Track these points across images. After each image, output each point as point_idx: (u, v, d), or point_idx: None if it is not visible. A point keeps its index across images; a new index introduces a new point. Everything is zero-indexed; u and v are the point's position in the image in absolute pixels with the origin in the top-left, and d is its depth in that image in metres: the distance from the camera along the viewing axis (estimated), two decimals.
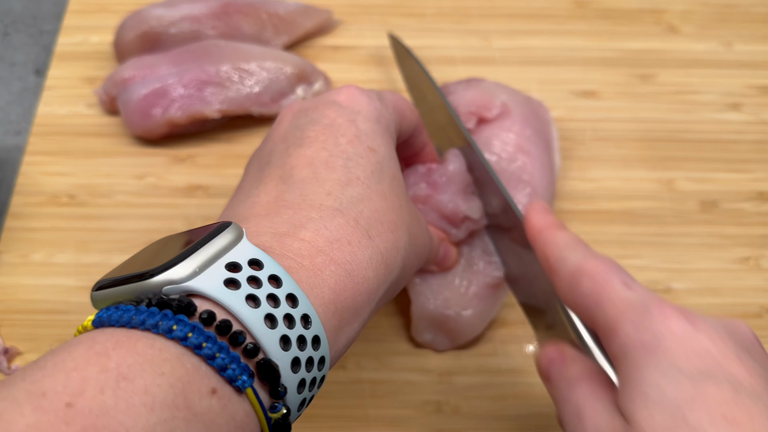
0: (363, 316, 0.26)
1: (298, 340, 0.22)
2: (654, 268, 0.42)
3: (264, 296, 0.22)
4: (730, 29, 0.53)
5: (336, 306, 0.24)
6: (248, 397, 0.21)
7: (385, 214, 0.27)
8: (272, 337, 0.21)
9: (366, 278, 0.25)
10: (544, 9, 0.54)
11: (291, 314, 0.22)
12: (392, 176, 0.28)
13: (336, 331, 0.24)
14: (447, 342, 0.39)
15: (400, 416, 0.37)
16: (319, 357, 0.23)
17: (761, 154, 0.47)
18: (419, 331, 0.38)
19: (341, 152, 0.27)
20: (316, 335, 0.23)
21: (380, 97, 0.30)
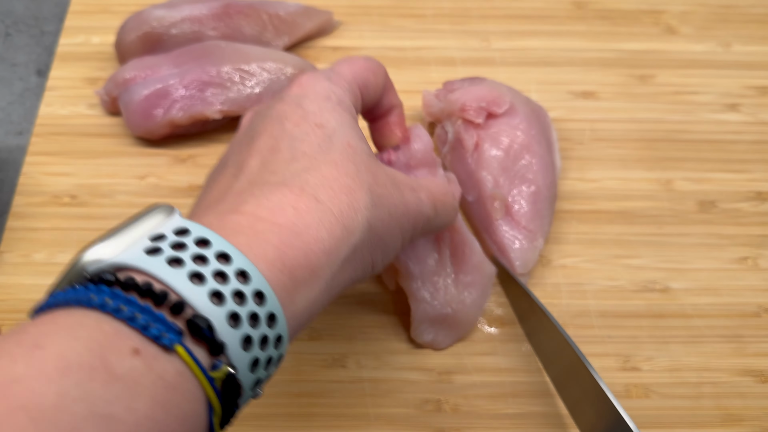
0: (323, 277, 0.25)
1: (235, 294, 0.22)
2: (652, 267, 0.43)
3: (189, 257, 0.22)
4: (729, 30, 0.54)
5: (283, 263, 0.24)
6: (180, 355, 0.20)
7: (337, 179, 0.27)
8: (199, 292, 0.21)
9: (318, 238, 0.25)
10: (543, 10, 0.54)
11: (223, 270, 0.22)
12: (345, 145, 0.28)
13: (289, 290, 0.24)
14: (449, 338, 0.39)
15: (399, 415, 0.38)
16: (269, 320, 0.23)
17: (759, 155, 0.48)
18: (420, 333, 0.39)
19: (286, 136, 0.28)
20: (258, 290, 0.22)
21: (331, 74, 0.31)
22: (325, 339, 0.40)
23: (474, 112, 0.42)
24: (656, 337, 0.40)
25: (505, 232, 0.41)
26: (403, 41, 0.52)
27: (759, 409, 0.38)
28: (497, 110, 0.43)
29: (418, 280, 0.37)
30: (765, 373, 0.39)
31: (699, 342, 0.40)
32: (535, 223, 0.41)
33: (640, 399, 0.38)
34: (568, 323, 0.41)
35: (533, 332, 0.39)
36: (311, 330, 0.40)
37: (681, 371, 0.39)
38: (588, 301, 0.41)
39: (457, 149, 0.43)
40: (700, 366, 0.39)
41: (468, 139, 0.42)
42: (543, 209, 0.42)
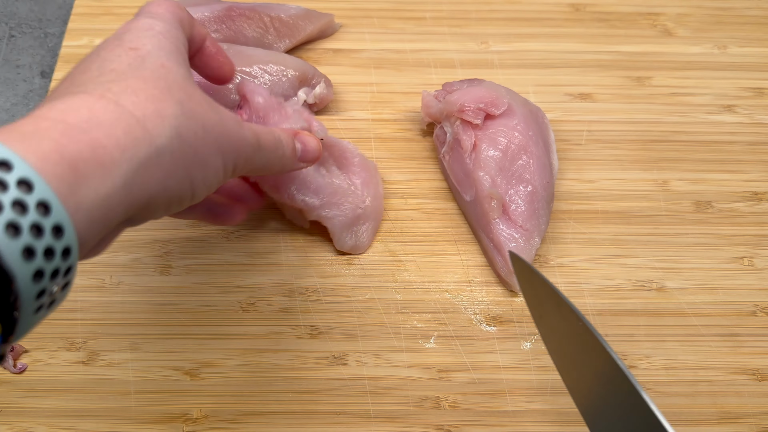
0: (117, 174, 0.25)
1: (14, 204, 0.21)
2: (649, 267, 0.43)
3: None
4: (725, 32, 0.54)
5: (61, 155, 0.24)
6: None
7: (144, 90, 0.27)
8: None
9: (111, 135, 0.25)
10: (541, 13, 0.55)
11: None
12: (158, 65, 0.29)
13: (69, 182, 0.24)
14: (367, 236, 0.43)
15: (399, 412, 0.38)
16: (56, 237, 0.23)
17: (755, 155, 0.48)
18: (342, 242, 0.42)
19: (99, 59, 0.29)
20: (43, 201, 0.22)
21: (151, 13, 0.32)
22: (326, 337, 0.40)
23: (472, 113, 0.43)
24: (653, 336, 0.41)
25: (502, 230, 0.41)
26: (403, 44, 0.53)
27: (755, 407, 0.39)
28: (495, 111, 0.43)
29: (320, 208, 0.41)
30: (761, 372, 0.40)
31: (695, 341, 0.41)
32: (532, 222, 0.42)
33: None
34: None
35: (551, 330, 0.36)
36: (312, 328, 0.41)
37: (677, 369, 0.40)
38: (585, 300, 0.42)
39: (455, 149, 0.44)
40: (697, 364, 0.40)
41: (466, 140, 0.43)
42: (540, 209, 0.42)
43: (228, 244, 0.44)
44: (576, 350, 0.34)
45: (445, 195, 0.46)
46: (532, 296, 0.36)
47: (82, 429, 0.37)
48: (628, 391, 0.31)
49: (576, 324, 0.33)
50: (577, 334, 0.33)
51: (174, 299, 0.41)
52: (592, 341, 0.33)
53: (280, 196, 0.42)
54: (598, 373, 0.33)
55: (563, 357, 0.35)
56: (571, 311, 0.33)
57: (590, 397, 0.34)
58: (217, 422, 0.38)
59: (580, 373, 0.35)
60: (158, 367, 0.39)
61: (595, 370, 0.33)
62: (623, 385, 0.31)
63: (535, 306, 0.36)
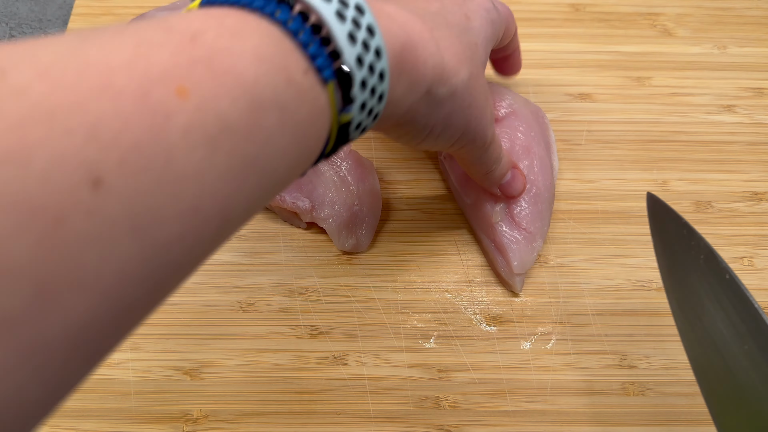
0: (421, 87, 0.29)
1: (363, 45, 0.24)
2: (648, 267, 0.43)
3: (350, 18, 0.24)
4: (724, 32, 0.54)
5: (399, 56, 0.27)
6: (328, 91, 0.23)
7: (454, 45, 0.31)
8: (351, 53, 0.24)
9: (422, 58, 0.28)
10: (541, 13, 0.55)
11: (367, 42, 0.25)
12: (473, 42, 0.33)
13: (393, 72, 0.27)
14: (367, 235, 0.43)
15: (399, 412, 0.38)
16: (380, 73, 0.26)
17: (755, 155, 0.48)
18: (342, 242, 0.42)
19: (440, 4, 0.33)
20: (382, 70, 0.26)
21: (495, 3, 0.37)
22: (326, 337, 0.40)
23: None
24: (652, 336, 0.41)
25: (505, 232, 0.41)
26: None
27: None
28: (498, 114, 0.43)
29: (314, 209, 0.42)
30: None
31: None
32: (535, 224, 0.42)
33: (637, 397, 0.39)
34: (565, 322, 0.41)
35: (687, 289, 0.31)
36: (312, 328, 0.41)
37: (677, 369, 0.40)
38: (585, 300, 0.42)
39: None
40: None
41: None
42: (543, 210, 0.42)
43: (228, 244, 0.44)
44: (722, 314, 0.28)
45: (445, 195, 0.46)
46: (665, 240, 0.31)
47: (82, 429, 0.38)
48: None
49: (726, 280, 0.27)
50: (726, 291, 0.27)
51: (174, 299, 0.41)
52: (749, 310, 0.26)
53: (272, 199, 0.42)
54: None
55: (696, 322, 0.29)
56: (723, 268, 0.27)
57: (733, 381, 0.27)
58: (217, 422, 0.38)
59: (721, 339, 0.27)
60: (158, 367, 0.39)
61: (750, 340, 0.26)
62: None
63: (667, 253, 0.31)
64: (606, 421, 0.38)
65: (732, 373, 0.27)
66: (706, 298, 0.29)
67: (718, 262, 0.27)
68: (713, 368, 0.28)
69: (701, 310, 0.29)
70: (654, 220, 0.33)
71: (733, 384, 0.27)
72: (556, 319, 0.41)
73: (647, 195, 0.34)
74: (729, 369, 0.27)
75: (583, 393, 0.39)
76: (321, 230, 0.43)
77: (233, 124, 0.19)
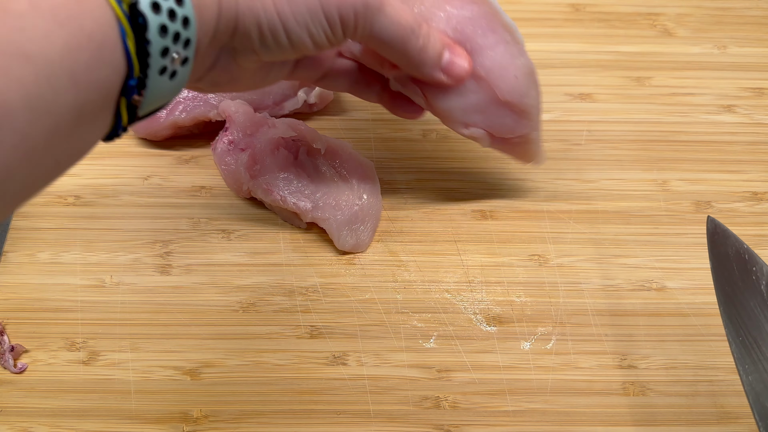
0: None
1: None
2: (648, 267, 0.43)
3: None
4: (725, 32, 0.54)
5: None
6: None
7: None
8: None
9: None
10: (541, 13, 0.55)
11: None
12: None
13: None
14: (367, 235, 0.43)
15: (399, 411, 0.38)
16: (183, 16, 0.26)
17: (755, 155, 0.48)
18: (343, 241, 0.42)
19: None
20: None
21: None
22: (326, 337, 0.40)
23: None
24: (652, 336, 0.41)
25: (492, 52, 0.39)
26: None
27: None
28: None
29: (314, 210, 0.42)
30: None
31: (695, 340, 0.41)
32: (530, 96, 0.40)
33: (637, 397, 0.39)
34: (565, 322, 0.41)
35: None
36: (312, 328, 0.41)
37: (677, 369, 0.40)
38: (585, 300, 0.42)
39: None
40: (696, 364, 0.40)
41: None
42: (524, 82, 0.40)
43: (228, 244, 0.44)
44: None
45: (445, 195, 0.46)
46: (724, 266, 0.32)
47: (82, 429, 0.38)
48: None
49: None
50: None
51: (174, 299, 0.41)
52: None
53: (273, 199, 0.42)
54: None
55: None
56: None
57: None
58: (217, 422, 0.38)
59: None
60: (158, 367, 0.39)
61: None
62: None
63: (727, 279, 0.32)
64: (606, 421, 0.38)
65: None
66: (766, 323, 0.29)
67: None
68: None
69: (760, 336, 0.29)
70: (713, 245, 0.33)
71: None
72: (556, 319, 0.41)
73: (707, 219, 0.34)
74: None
75: (583, 393, 0.39)
76: (321, 230, 0.43)
77: None
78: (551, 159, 0.47)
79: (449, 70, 0.37)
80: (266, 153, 0.42)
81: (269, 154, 0.42)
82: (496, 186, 0.46)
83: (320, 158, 0.44)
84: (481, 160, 0.47)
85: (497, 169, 0.47)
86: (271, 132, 0.43)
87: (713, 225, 0.34)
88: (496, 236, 0.44)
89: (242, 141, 0.43)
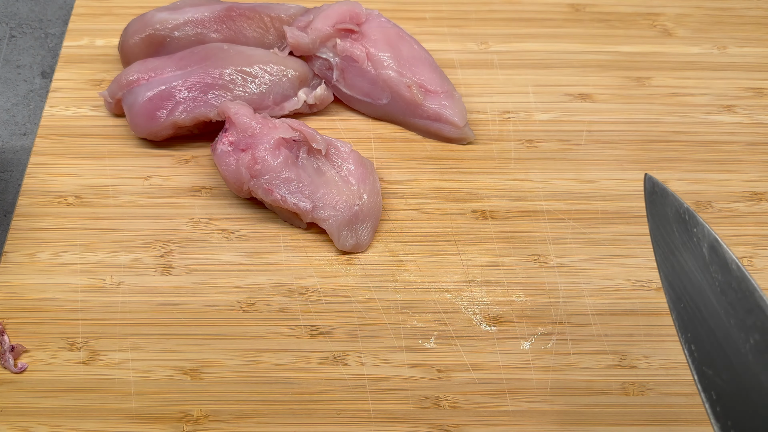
0: None
1: None
2: (648, 266, 0.43)
3: None
4: (724, 32, 0.54)
5: None
6: None
7: None
8: None
9: None
10: (541, 13, 0.55)
11: None
12: None
13: None
14: (368, 234, 0.43)
15: (399, 411, 0.38)
16: None
17: (754, 155, 0.48)
18: (343, 241, 0.43)
19: None
20: None
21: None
22: (326, 337, 0.40)
23: (350, 24, 0.47)
24: (652, 336, 0.41)
25: (431, 104, 0.47)
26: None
27: None
28: (362, 19, 0.48)
29: (314, 210, 0.42)
30: None
31: None
32: (445, 84, 0.48)
33: (637, 396, 0.39)
34: (565, 322, 0.41)
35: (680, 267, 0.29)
36: (312, 328, 0.41)
37: (677, 369, 0.40)
38: (585, 300, 0.42)
39: (349, 68, 0.47)
40: None
41: (358, 52, 0.47)
42: (440, 71, 0.48)
43: (228, 244, 0.44)
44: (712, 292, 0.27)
45: (445, 195, 0.46)
46: (662, 225, 0.29)
47: (82, 429, 0.38)
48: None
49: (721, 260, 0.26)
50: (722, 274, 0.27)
51: (174, 299, 0.41)
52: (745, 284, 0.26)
53: (273, 199, 0.42)
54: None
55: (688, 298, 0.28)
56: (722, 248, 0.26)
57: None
58: (217, 422, 0.38)
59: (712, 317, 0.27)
60: (158, 367, 0.39)
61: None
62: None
63: (664, 239, 0.29)
64: (606, 421, 0.38)
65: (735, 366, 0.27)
66: (708, 288, 0.28)
67: (724, 252, 0.27)
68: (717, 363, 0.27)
69: (701, 301, 0.28)
70: (651, 205, 0.31)
71: (736, 377, 0.27)
72: (555, 319, 0.41)
73: (645, 177, 0.31)
74: (732, 364, 0.27)
75: (583, 393, 0.39)
76: (321, 230, 0.44)
77: None
78: (551, 159, 0.48)
79: None
80: (267, 153, 0.42)
81: (270, 154, 0.42)
82: (496, 186, 0.46)
83: (320, 158, 0.44)
84: (481, 160, 0.48)
85: (497, 169, 0.47)
86: (272, 132, 0.43)
87: (651, 184, 0.31)
88: (496, 236, 0.44)
89: (242, 141, 0.43)
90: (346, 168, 0.44)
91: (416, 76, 0.47)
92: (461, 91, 0.50)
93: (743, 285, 0.27)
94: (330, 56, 0.48)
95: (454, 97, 0.47)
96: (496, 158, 0.47)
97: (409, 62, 0.48)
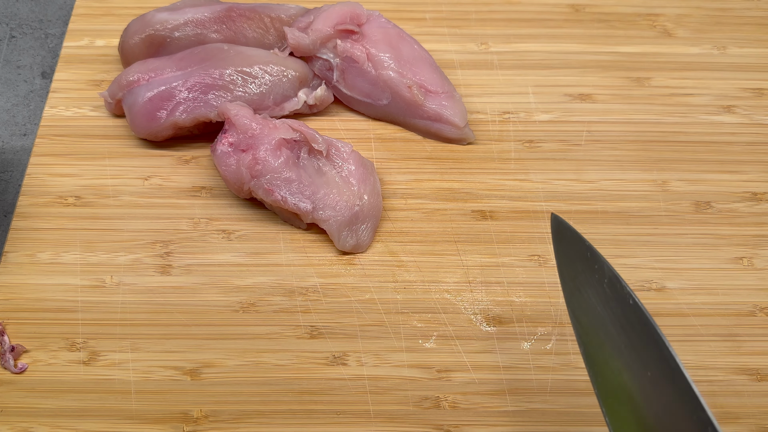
0: None
1: None
2: (648, 267, 0.43)
3: None
4: (724, 33, 0.54)
5: None
6: None
7: None
8: None
9: None
10: (541, 14, 0.55)
11: None
12: None
13: None
14: (368, 234, 0.43)
15: (399, 411, 0.38)
16: None
17: (754, 156, 0.48)
18: (343, 242, 0.43)
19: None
20: None
21: None
22: (326, 337, 0.40)
23: (350, 25, 0.47)
24: None
25: (431, 104, 0.47)
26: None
27: (754, 407, 0.39)
28: (363, 20, 0.48)
29: (315, 210, 0.42)
30: (760, 372, 0.40)
31: (695, 341, 0.41)
32: (445, 84, 0.48)
33: None
34: (565, 322, 0.41)
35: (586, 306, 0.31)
36: (312, 328, 0.41)
37: None
38: None
39: (349, 68, 0.47)
40: (696, 364, 0.40)
41: (359, 52, 0.47)
42: (441, 71, 0.49)
43: (228, 244, 0.44)
44: (616, 328, 0.28)
45: (445, 195, 0.46)
46: (568, 263, 0.31)
47: (82, 429, 0.38)
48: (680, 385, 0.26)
49: (623, 298, 0.28)
50: (623, 309, 0.28)
51: (174, 299, 0.41)
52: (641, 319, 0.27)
53: (273, 200, 0.42)
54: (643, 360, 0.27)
55: (595, 336, 0.30)
56: (621, 284, 0.28)
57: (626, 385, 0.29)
58: (217, 422, 0.38)
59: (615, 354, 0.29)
60: (158, 367, 0.39)
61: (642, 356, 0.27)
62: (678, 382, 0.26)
63: (570, 275, 0.31)
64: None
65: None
66: (609, 322, 0.29)
67: (622, 287, 0.28)
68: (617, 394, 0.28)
69: (605, 334, 0.29)
70: (557, 242, 0.32)
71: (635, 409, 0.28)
72: (555, 319, 0.41)
73: (551, 216, 0.32)
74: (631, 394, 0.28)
75: (583, 393, 0.39)
76: (321, 230, 0.44)
77: None
78: (551, 159, 0.48)
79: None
80: (268, 153, 0.42)
81: (271, 154, 0.42)
82: (496, 186, 0.46)
83: (321, 159, 0.44)
84: (481, 160, 0.48)
85: (497, 170, 0.47)
86: (273, 133, 0.43)
87: (557, 223, 0.32)
88: (496, 236, 0.44)
89: (243, 142, 0.43)
90: (347, 168, 0.44)
91: (416, 77, 0.47)
92: (461, 92, 0.50)
93: (641, 319, 0.27)
94: (330, 57, 0.48)
95: (455, 98, 0.47)
96: (496, 159, 0.48)
97: (410, 63, 0.48)
